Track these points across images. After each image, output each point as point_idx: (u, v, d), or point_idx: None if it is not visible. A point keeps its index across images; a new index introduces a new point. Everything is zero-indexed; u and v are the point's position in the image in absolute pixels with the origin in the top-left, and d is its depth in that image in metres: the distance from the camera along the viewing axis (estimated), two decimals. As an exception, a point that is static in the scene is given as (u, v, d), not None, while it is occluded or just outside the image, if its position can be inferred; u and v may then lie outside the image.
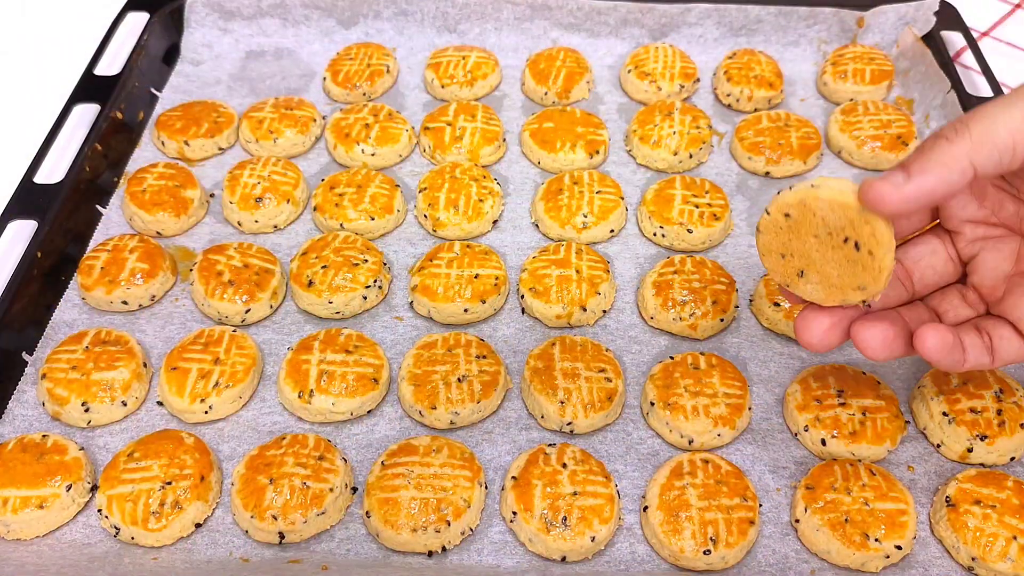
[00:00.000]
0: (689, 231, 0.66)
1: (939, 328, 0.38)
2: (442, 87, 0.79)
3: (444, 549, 0.49)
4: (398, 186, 0.69)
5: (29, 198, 0.65)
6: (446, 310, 0.61)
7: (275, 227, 0.68)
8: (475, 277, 0.61)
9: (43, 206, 0.64)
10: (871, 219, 0.35)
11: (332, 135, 0.73)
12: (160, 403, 0.57)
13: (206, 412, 0.55)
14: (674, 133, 0.73)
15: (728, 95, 0.79)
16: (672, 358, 0.57)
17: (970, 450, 0.52)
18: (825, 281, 0.40)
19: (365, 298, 0.62)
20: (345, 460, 0.53)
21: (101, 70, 0.76)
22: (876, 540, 0.47)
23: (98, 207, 0.69)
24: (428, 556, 0.49)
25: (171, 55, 0.82)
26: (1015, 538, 0.47)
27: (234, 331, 0.59)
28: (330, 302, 0.61)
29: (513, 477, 0.51)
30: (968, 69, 0.80)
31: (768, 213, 0.40)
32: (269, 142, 0.73)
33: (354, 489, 0.52)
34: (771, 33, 0.83)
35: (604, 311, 0.62)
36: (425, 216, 0.68)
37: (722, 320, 0.60)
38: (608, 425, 0.55)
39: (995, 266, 0.41)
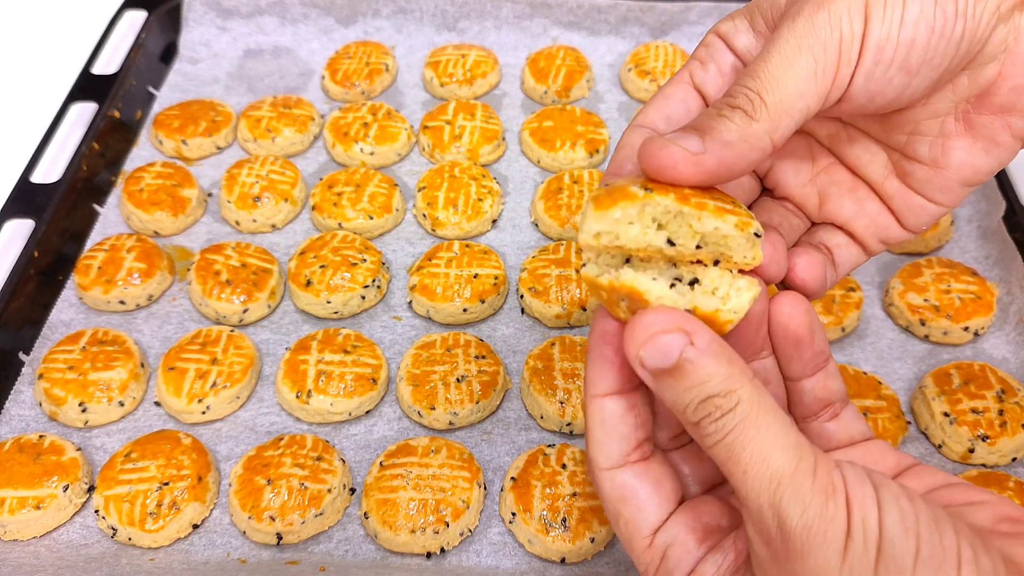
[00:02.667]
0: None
1: (806, 250, 0.34)
2: (441, 86, 0.79)
3: (443, 550, 0.49)
4: (397, 185, 0.69)
5: (26, 197, 0.65)
6: (445, 310, 0.60)
7: (273, 226, 0.68)
8: (474, 277, 0.61)
9: (40, 205, 0.64)
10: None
11: (331, 134, 0.73)
12: (157, 403, 0.57)
13: (203, 412, 0.55)
14: (674, 132, 0.72)
15: (729, 94, 0.78)
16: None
17: (971, 451, 0.52)
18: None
19: (363, 298, 0.61)
20: (343, 461, 0.52)
21: (98, 69, 0.76)
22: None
23: (95, 206, 0.69)
24: (427, 557, 0.49)
25: (169, 54, 0.82)
26: (1017, 540, 0.47)
27: (232, 331, 0.59)
28: (328, 302, 0.61)
29: (512, 478, 0.51)
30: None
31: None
32: (267, 141, 0.73)
33: (352, 490, 0.52)
34: (772, 31, 0.82)
35: (604, 311, 0.62)
36: (424, 215, 0.67)
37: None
38: (608, 426, 0.55)
39: (796, 173, 0.36)
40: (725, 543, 0.30)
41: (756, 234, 0.29)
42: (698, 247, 0.28)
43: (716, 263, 0.29)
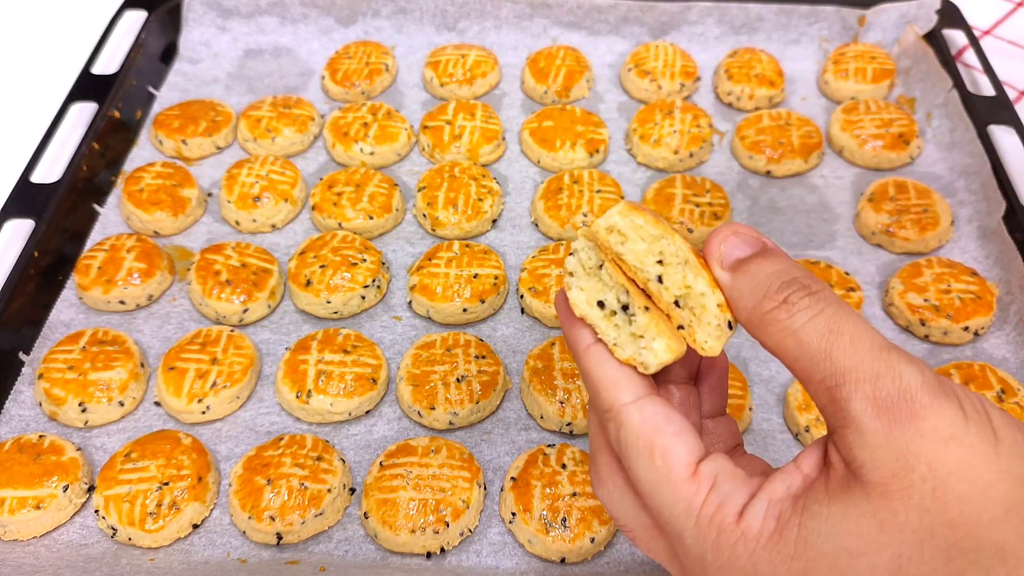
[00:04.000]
0: (690, 230, 0.65)
1: None
2: (441, 86, 0.79)
3: (443, 550, 0.49)
4: (397, 185, 0.69)
5: (26, 197, 0.65)
6: (445, 310, 0.60)
7: (273, 226, 0.68)
8: (474, 277, 0.61)
9: (40, 205, 0.64)
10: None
11: (330, 134, 0.73)
12: (157, 403, 0.57)
13: (203, 412, 0.55)
14: (674, 132, 0.72)
15: (729, 93, 0.78)
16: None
17: (972, 451, 0.52)
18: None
19: (363, 298, 0.61)
20: (343, 461, 0.52)
21: (99, 69, 0.76)
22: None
23: (95, 206, 0.69)
24: (427, 557, 0.49)
25: (169, 54, 0.82)
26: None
27: (232, 331, 0.59)
28: (328, 302, 0.61)
29: (512, 478, 0.50)
30: (970, 68, 0.80)
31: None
32: (267, 141, 0.73)
33: (352, 490, 0.52)
34: (772, 31, 0.82)
35: (604, 311, 0.62)
36: (424, 215, 0.67)
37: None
38: (608, 425, 0.55)
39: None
40: (787, 467, 0.27)
41: (730, 324, 0.29)
42: (676, 303, 0.29)
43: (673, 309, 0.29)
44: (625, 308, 0.29)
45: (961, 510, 0.23)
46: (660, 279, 0.29)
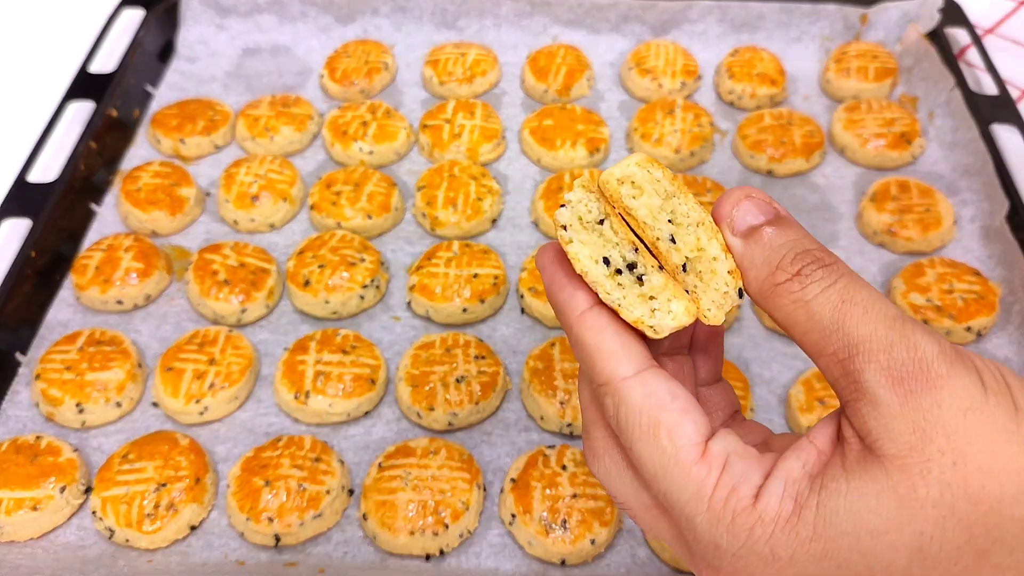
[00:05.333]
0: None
1: None
2: (441, 84, 0.78)
3: (442, 552, 0.49)
4: (396, 184, 0.69)
5: (23, 197, 0.64)
6: (444, 310, 0.60)
7: (271, 226, 0.68)
8: (474, 276, 0.61)
9: (37, 205, 0.63)
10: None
11: (329, 133, 0.73)
12: (155, 404, 0.56)
13: (201, 413, 0.54)
14: (675, 131, 0.72)
15: (730, 92, 0.78)
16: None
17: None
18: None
19: (362, 298, 0.61)
20: (342, 462, 0.52)
21: (96, 67, 0.76)
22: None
23: (92, 206, 0.68)
24: (426, 559, 0.49)
25: (166, 52, 0.82)
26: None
27: (230, 331, 0.58)
28: (327, 302, 0.60)
29: (512, 479, 0.50)
30: (972, 66, 0.80)
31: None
32: (266, 140, 0.73)
33: (351, 491, 0.51)
34: (774, 30, 0.82)
35: (604, 311, 0.61)
36: (423, 215, 0.67)
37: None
38: (608, 426, 0.55)
39: None
40: (801, 443, 0.25)
41: (740, 292, 0.27)
42: (684, 267, 0.27)
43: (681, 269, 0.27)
44: (631, 267, 0.27)
45: (983, 484, 0.22)
46: (673, 239, 0.27)
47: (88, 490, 0.51)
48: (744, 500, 0.24)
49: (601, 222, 0.27)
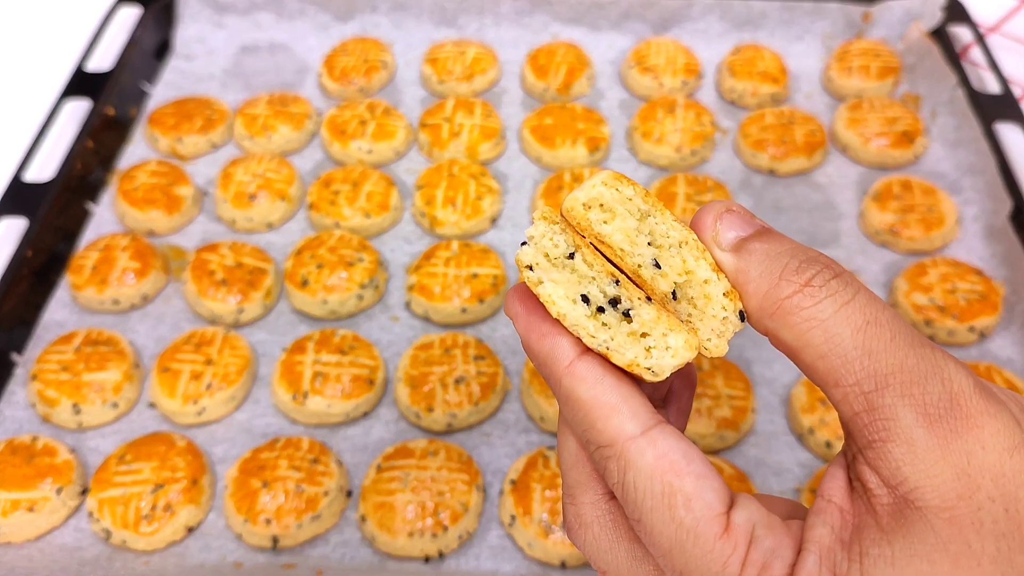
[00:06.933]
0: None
1: None
2: (440, 82, 0.78)
3: (441, 554, 0.48)
4: (394, 183, 0.68)
5: (19, 196, 0.64)
6: (443, 310, 0.60)
7: (269, 225, 0.67)
8: (473, 276, 0.60)
9: (33, 204, 0.63)
10: None
11: (328, 131, 0.72)
12: (152, 405, 0.56)
13: (198, 414, 0.54)
14: (677, 130, 0.72)
15: (732, 91, 0.78)
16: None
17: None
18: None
19: (361, 298, 0.61)
20: (340, 463, 0.52)
21: (92, 65, 0.75)
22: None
23: (89, 205, 0.68)
24: (425, 561, 0.48)
25: (163, 50, 0.81)
26: None
27: (227, 331, 0.58)
28: (325, 302, 0.60)
29: (512, 480, 0.50)
30: (975, 65, 0.79)
31: None
32: (263, 138, 0.72)
33: (349, 493, 0.51)
34: (775, 28, 0.81)
35: (604, 311, 0.61)
36: (422, 214, 0.67)
37: None
38: (608, 427, 0.54)
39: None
40: (818, 505, 0.22)
41: (741, 316, 0.24)
42: (673, 295, 0.24)
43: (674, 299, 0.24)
44: (614, 303, 0.23)
45: None
46: (657, 263, 0.24)
47: (85, 491, 0.51)
48: None
49: (571, 256, 0.24)
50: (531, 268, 0.24)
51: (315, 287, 0.60)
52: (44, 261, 0.62)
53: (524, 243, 0.24)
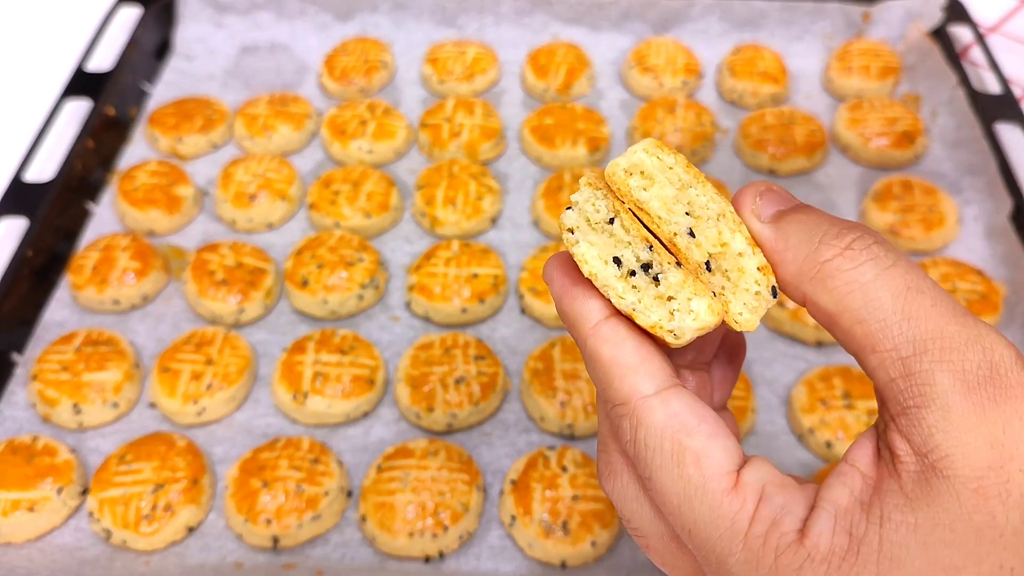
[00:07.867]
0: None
1: None
2: (440, 82, 0.78)
3: (441, 554, 0.48)
4: (394, 183, 0.68)
5: (19, 196, 0.64)
6: (444, 310, 0.60)
7: (269, 225, 0.67)
8: (474, 276, 0.60)
9: (33, 204, 0.63)
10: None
11: (328, 131, 0.72)
12: (152, 405, 0.56)
13: (199, 414, 0.54)
14: (677, 129, 0.72)
15: (732, 91, 0.78)
16: (674, 359, 0.56)
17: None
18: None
19: (361, 298, 0.61)
20: (340, 463, 0.52)
21: (93, 65, 0.75)
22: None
23: (89, 205, 0.68)
24: (425, 561, 0.48)
25: (163, 50, 0.81)
26: None
27: (227, 331, 0.58)
28: (325, 302, 0.60)
29: (512, 481, 0.50)
30: (975, 65, 0.79)
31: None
32: (263, 138, 0.72)
33: (349, 493, 0.51)
34: (776, 28, 0.81)
35: (605, 311, 0.61)
36: (423, 214, 0.67)
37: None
38: (609, 427, 0.54)
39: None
40: (841, 468, 0.22)
41: (774, 291, 0.24)
42: (708, 266, 0.24)
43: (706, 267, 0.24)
44: (646, 268, 0.24)
45: None
46: (692, 232, 0.24)
47: (85, 491, 0.51)
48: (788, 536, 0.21)
49: (611, 221, 0.24)
50: (572, 231, 0.25)
51: (315, 287, 0.60)
52: (44, 261, 0.62)
53: (569, 208, 0.25)
